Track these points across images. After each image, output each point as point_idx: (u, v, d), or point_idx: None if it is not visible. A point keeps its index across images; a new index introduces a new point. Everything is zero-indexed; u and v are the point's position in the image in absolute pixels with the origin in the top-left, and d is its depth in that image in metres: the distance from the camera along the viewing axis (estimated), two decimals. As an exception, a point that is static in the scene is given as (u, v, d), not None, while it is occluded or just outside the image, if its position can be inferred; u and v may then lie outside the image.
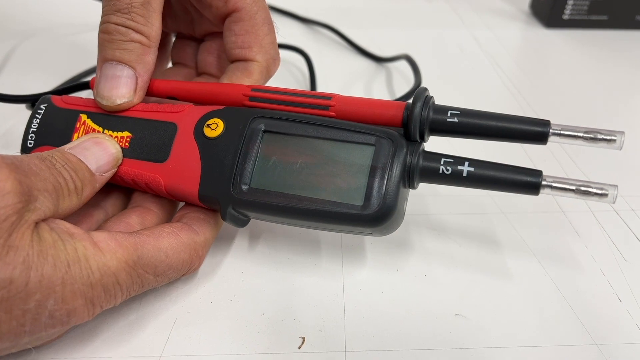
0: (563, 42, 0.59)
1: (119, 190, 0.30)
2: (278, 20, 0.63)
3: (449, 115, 0.26)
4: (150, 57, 0.29)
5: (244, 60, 0.31)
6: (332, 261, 0.30)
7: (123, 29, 0.28)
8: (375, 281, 0.29)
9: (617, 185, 0.24)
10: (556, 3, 0.61)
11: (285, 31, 0.59)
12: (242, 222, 0.27)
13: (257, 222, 0.33)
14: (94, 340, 0.26)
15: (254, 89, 0.29)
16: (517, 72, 0.52)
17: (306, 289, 0.29)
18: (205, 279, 0.29)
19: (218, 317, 0.27)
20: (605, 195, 0.24)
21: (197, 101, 0.30)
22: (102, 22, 0.28)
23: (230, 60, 0.32)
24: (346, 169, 0.25)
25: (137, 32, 0.28)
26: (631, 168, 0.39)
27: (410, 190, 0.36)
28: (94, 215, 0.28)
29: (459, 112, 0.26)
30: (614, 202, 0.24)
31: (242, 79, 0.31)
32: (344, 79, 0.50)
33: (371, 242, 0.32)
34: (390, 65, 0.53)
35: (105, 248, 0.22)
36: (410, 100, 0.26)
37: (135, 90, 0.29)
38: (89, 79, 0.35)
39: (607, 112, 0.46)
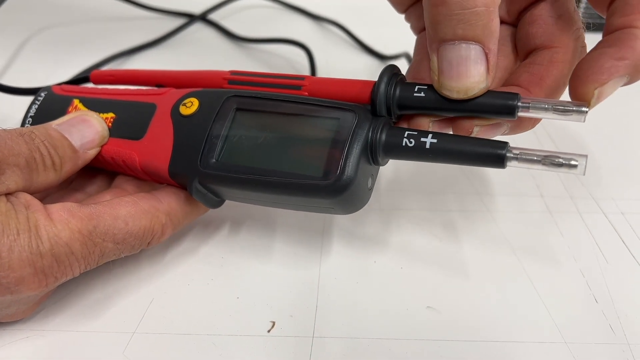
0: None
1: (102, 175, 0.31)
2: (287, 16, 0.64)
3: (416, 90, 0.25)
4: (496, 22, 0.22)
5: (624, 28, 0.23)
6: (311, 250, 0.31)
7: None
8: (351, 271, 0.29)
9: (586, 155, 0.22)
10: (569, 5, 0.60)
11: (294, 27, 0.60)
12: (211, 200, 0.28)
13: (241, 210, 0.33)
14: (68, 313, 0.27)
15: (233, 72, 0.30)
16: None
17: (282, 276, 0.29)
18: (185, 262, 0.30)
19: (194, 298, 0.28)
20: (575, 165, 0.22)
21: (182, 87, 0.31)
22: None
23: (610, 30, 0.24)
24: (310, 142, 0.25)
25: None
26: (625, 171, 0.38)
27: (396, 186, 0.36)
28: (78, 200, 0.29)
29: (426, 87, 0.25)
30: (583, 174, 0.22)
31: (620, 53, 0.23)
32: (345, 75, 0.50)
33: (351, 233, 0.32)
34: (393, 63, 0.53)
35: (57, 219, 0.23)
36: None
37: (488, 70, 0.23)
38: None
39: (615, 116, 0.45)
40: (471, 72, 0.23)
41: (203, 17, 0.59)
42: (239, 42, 0.57)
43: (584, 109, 0.23)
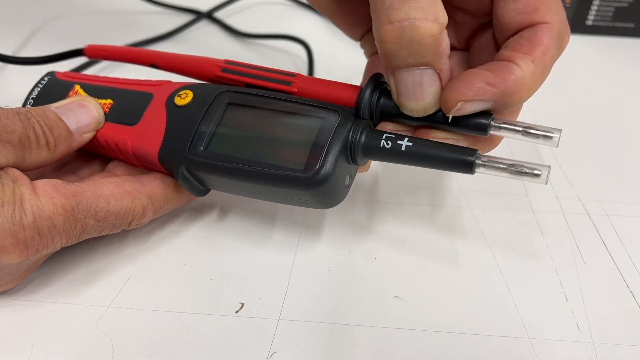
0: (586, 48, 0.58)
1: (97, 161, 0.33)
2: (294, 13, 0.65)
3: None
4: (444, 44, 0.23)
5: (529, 26, 0.25)
6: (288, 237, 0.31)
7: (408, 25, 0.22)
8: (325, 259, 0.30)
9: (549, 166, 0.24)
10: (579, 8, 0.59)
11: (301, 24, 0.61)
12: (195, 188, 0.29)
13: (229, 198, 0.34)
14: (50, 286, 0.28)
15: (228, 62, 0.31)
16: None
17: (258, 260, 0.30)
18: (166, 243, 0.31)
19: (169, 278, 0.29)
20: (538, 175, 0.23)
21: (176, 70, 0.33)
22: (382, 25, 0.23)
23: (509, 34, 0.26)
24: (295, 138, 0.27)
25: (426, 20, 0.22)
26: (614, 173, 0.38)
27: (380, 179, 0.37)
28: (71, 181, 0.31)
29: None
30: (546, 183, 0.24)
31: (530, 48, 0.25)
32: (347, 72, 0.51)
33: (329, 223, 0.33)
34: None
35: (42, 193, 0.24)
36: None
37: (441, 88, 0.25)
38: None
39: (610, 119, 0.45)
40: (426, 93, 0.24)
41: (209, 15, 0.61)
42: (243, 39, 0.58)
43: (549, 134, 0.24)
